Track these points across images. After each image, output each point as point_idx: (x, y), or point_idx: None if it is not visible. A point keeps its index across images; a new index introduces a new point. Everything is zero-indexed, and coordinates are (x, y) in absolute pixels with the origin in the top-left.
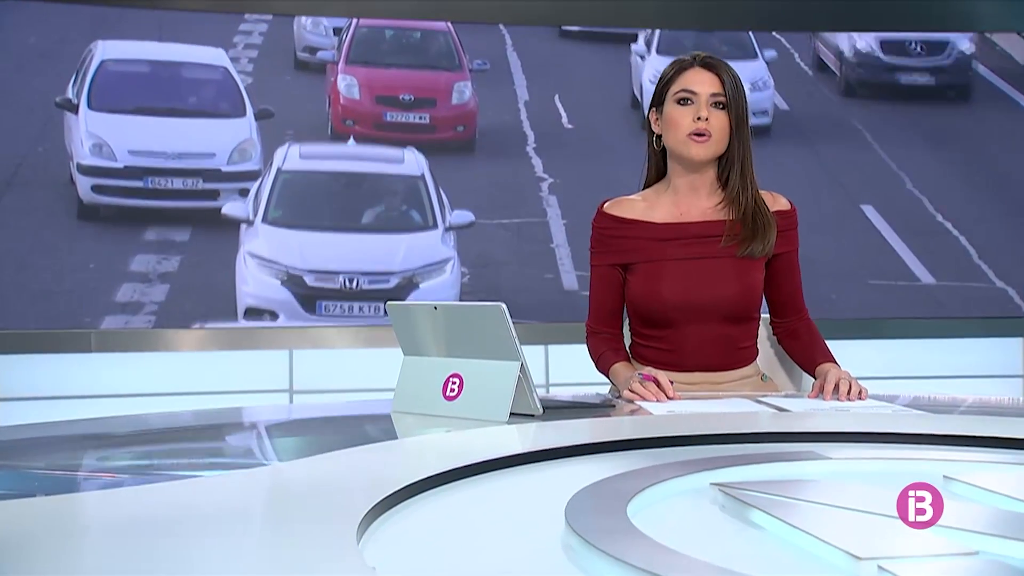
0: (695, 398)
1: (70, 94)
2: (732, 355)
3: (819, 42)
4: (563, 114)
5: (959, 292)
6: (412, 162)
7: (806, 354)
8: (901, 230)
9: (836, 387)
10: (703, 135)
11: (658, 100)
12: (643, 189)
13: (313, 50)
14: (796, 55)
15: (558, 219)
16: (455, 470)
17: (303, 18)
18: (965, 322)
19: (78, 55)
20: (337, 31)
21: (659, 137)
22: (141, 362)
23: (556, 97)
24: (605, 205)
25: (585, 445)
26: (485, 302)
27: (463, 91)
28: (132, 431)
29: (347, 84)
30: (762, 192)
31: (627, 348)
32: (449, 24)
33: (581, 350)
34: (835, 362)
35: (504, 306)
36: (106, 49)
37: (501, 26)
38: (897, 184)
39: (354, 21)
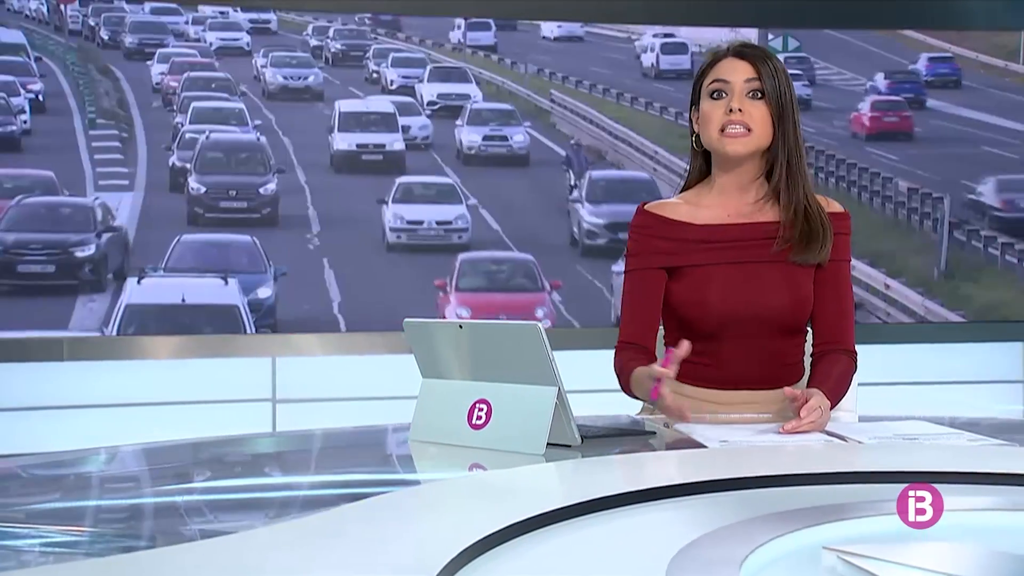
0: (736, 422)
1: None
2: (777, 371)
3: None
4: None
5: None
6: None
7: (813, 380)
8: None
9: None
10: (737, 128)
11: (695, 96)
12: (682, 191)
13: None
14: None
15: None
16: (522, 522)
17: None
18: (964, 327)
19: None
20: None
21: (699, 137)
22: (116, 371)
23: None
24: (645, 205)
25: (656, 489)
26: (517, 321)
27: None
28: (121, 472)
29: None
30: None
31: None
32: None
33: (569, 355)
34: (828, 395)
35: (540, 325)
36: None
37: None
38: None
39: None
